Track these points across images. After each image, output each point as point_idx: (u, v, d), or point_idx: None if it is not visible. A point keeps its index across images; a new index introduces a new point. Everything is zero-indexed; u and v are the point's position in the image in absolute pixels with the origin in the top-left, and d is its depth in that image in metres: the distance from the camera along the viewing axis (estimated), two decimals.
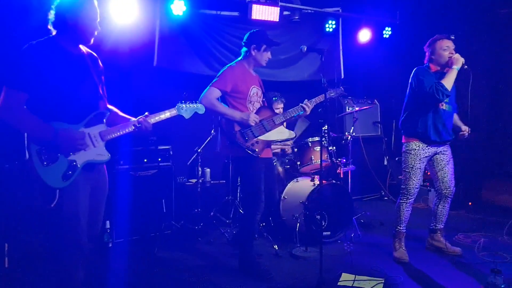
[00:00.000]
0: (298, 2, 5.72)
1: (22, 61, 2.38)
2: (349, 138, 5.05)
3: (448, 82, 3.73)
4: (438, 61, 3.90)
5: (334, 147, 4.90)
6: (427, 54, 4.01)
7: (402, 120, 4.09)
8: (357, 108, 5.54)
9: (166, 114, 2.89)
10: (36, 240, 3.72)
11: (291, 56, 5.89)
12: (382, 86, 6.77)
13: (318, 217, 4.38)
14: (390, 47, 6.60)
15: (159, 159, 4.60)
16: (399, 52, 6.55)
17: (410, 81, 3.97)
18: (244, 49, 3.72)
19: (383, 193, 6.39)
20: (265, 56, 3.69)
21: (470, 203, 6.04)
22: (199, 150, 4.68)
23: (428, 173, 4.78)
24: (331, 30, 6.08)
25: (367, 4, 6.33)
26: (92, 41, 2.62)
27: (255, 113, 3.60)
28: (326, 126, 5.01)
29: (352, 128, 5.16)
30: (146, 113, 2.81)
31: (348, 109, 5.90)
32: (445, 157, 4.02)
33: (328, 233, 4.46)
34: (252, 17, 5.24)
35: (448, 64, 3.83)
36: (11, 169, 3.77)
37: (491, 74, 6.41)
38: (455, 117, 4.15)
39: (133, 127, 2.74)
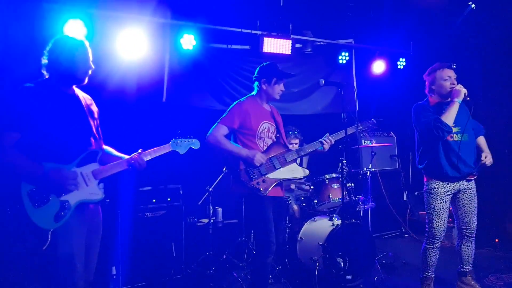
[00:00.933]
0: (310, 35, 5.60)
1: (15, 103, 2.42)
2: (368, 174, 4.80)
3: (449, 117, 3.50)
4: (439, 91, 3.67)
5: (353, 184, 4.65)
6: (426, 83, 3.79)
7: (418, 160, 3.84)
8: (374, 143, 5.31)
9: (159, 151, 2.89)
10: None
11: (304, 89, 5.73)
12: (397, 118, 6.56)
13: (339, 259, 4.10)
14: (404, 78, 6.42)
15: (169, 199, 4.38)
16: (414, 83, 6.33)
17: (412, 118, 3.76)
18: (256, 83, 3.58)
19: (403, 230, 6.07)
20: (277, 89, 3.52)
21: (496, 240, 5.69)
22: (210, 189, 4.45)
23: (451, 209, 4.53)
24: (344, 62, 5.93)
25: (380, 35, 6.20)
26: (86, 80, 2.67)
27: (266, 149, 3.42)
28: (344, 162, 4.80)
29: (371, 164, 4.91)
30: (140, 150, 2.80)
31: (364, 143, 5.66)
32: (467, 196, 3.73)
33: (350, 276, 4.14)
34: (263, 50, 5.11)
35: (450, 96, 3.61)
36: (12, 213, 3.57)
37: (510, 106, 6.18)
38: (481, 141, 3.84)
39: (125, 165, 2.71)
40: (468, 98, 3.61)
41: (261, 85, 3.52)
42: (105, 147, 2.81)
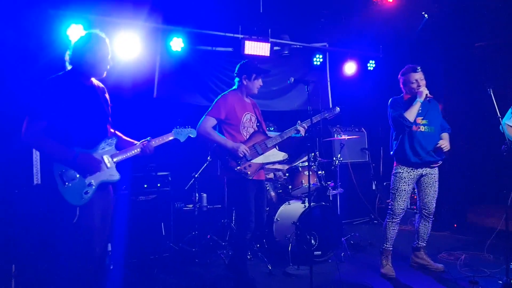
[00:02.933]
0: (288, 38, 6.15)
1: (42, 93, 2.73)
2: (336, 163, 5.37)
3: (411, 114, 4.10)
4: (409, 92, 4.29)
5: (323, 172, 5.21)
6: (400, 83, 4.39)
7: (391, 147, 4.43)
8: (344, 136, 5.89)
9: (164, 138, 3.28)
10: (44, 262, 3.93)
11: (282, 87, 6.28)
12: (368, 115, 7.16)
13: (309, 237, 4.65)
14: (374, 78, 7.02)
15: (159, 185, 4.88)
16: (383, 83, 6.96)
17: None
18: (236, 79, 4.02)
19: (372, 217, 6.66)
20: (257, 84, 3.97)
21: (455, 225, 6.32)
22: (196, 176, 4.97)
23: (415, 197, 5.13)
24: (318, 63, 6.50)
25: (352, 39, 6.78)
26: (104, 74, 3.00)
27: (249, 137, 3.88)
28: (317, 152, 5.37)
29: (339, 154, 5.49)
30: (149, 138, 3.19)
31: (337, 137, 6.24)
32: (428, 180, 4.30)
33: (319, 252, 4.70)
34: (245, 52, 5.63)
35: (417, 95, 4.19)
36: (20, 194, 4.03)
37: (469, 104, 6.81)
38: (444, 136, 4.36)
39: (139, 150, 3.09)
40: (429, 97, 4.20)
41: (241, 80, 3.95)
42: (115, 132, 3.17)
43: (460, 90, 6.57)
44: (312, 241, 4.66)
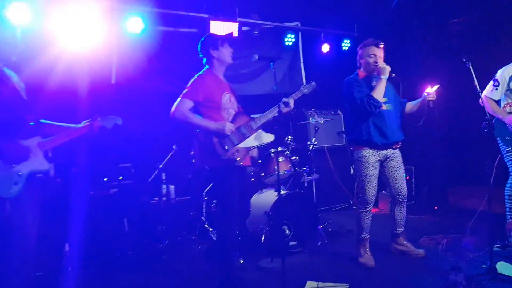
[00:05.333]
0: (257, 18, 5.81)
1: None
2: (311, 148, 5.08)
3: (378, 93, 3.82)
4: (365, 66, 4.00)
5: (297, 157, 4.93)
6: (357, 57, 4.09)
7: (347, 130, 4.15)
8: (319, 119, 5.61)
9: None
10: None
11: (253, 70, 5.96)
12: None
13: (283, 227, 4.38)
14: (350, 58, 6.70)
15: (120, 177, 4.53)
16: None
17: (343, 91, 4.04)
18: (204, 59, 3.61)
19: (351, 202, 6.41)
20: (227, 52, 3.57)
21: (435, 207, 6.13)
22: (160, 166, 4.63)
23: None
24: (290, 43, 6.19)
25: (325, 18, 6.48)
26: (13, 59, 2.74)
27: (231, 120, 3.49)
28: (290, 137, 5.08)
29: (314, 138, 5.19)
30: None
31: (311, 120, 5.94)
32: (395, 163, 4.07)
33: (294, 243, 4.44)
34: (211, 32, 5.28)
35: (374, 72, 3.91)
36: None
37: (448, 80, 6.59)
38: (408, 105, 4.16)
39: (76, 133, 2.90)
40: (394, 75, 3.92)
41: (210, 55, 3.54)
42: (43, 120, 2.93)
43: (437, 67, 6.33)
44: (286, 231, 4.39)
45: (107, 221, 4.36)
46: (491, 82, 4.41)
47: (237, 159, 3.39)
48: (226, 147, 3.35)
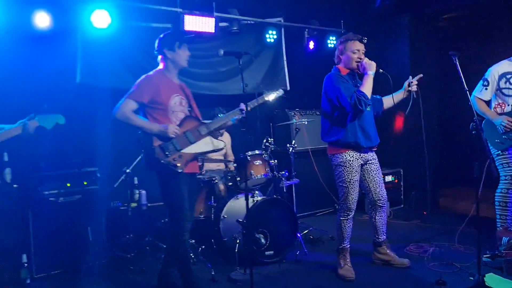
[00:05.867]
0: (236, 12, 5.51)
1: None
2: (290, 150, 4.79)
3: (368, 89, 3.54)
4: (346, 62, 3.71)
5: (276, 160, 4.64)
6: (336, 52, 3.80)
7: (326, 132, 3.81)
8: (300, 119, 5.33)
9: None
10: None
11: (232, 68, 5.64)
12: None
13: (258, 236, 4.09)
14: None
15: (85, 183, 4.22)
16: None
17: (323, 89, 3.76)
18: (159, 57, 3.44)
19: (337, 207, 6.10)
20: (183, 55, 3.38)
21: (424, 212, 5.85)
22: (128, 171, 4.32)
23: None
24: (272, 40, 5.89)
25: (310, 14, 6.19)
26: None
27: (179, 124, 3.31)
28: (271, 139, 4.79)
29: (294, 140, 4.90)
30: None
31: (295, 121, 5.63)
32: (374, 166, 3.82)
33: (271, 252, 4.15)
34: (185, 29, 4.97)
35: (359, 69, 3.64)
36: None
37: (438, 79, 6.33)
38: (386, 101, 3.91)
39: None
40: (381, 70, 3.65)
41: (165, 55, 3.38)
42: None
43: (426, 65, 6.06)
44: (262, 240, 4.09)
45: (69, 230, 4.04)
46: (481, 82, 4.15)
47: (177, 165, 3.19)
48: (167, 152, 3.19)
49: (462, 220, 4.52)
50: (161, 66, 3.43)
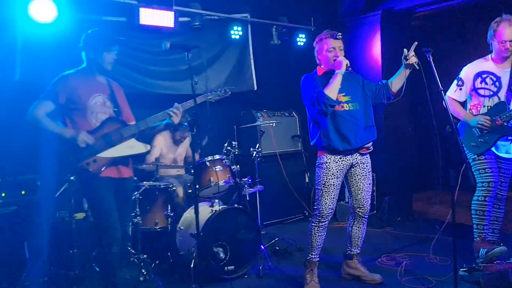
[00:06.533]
0: (198, 7, 5.12)
1: None
2: (254, 155, 4.43)
3: (332, 89, 3.21)
4: (325, 62, 3.44)
5: (238, 166, 4.28)
6: (315, 53, 3.52)
7: (309, 133, 3.57)
8: (267, 121, 4.98)
9: None
10: None
11: (194, 66, 5.14)
12: (300, 97, 6.26)
13: (218, 249, 3.72)
14: (305, 55, 6.11)
15: (23, 192, 3.76)
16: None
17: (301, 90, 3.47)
18: (83, 53, 3.14)
19: (307, 213, 5.80)
20: (108, 58, 3.10)
21: (398, 219, 5.58)
22: (72, 178, 3.87)
23: None
24: (237, 37, 5.52)
25: (278, 10, 5.86)
26: None
27: (99, 125, 3.02)
28: (234, 143, 4.44)
29: (258, 143, 4.54)
30: None
31: (261, 123, 5.28)
32: (360, 171, 3.48)
33: (231, 267, 3.78)
34: (141, 23, 4.57)
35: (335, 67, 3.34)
36: None
37: (412, 80, 6.07)
38: (392, 85, 3.56)
39: None
40: (350, 69, 3.34)
41: (88, 54, 3.10)
42: None
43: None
44: (221, 254, 3.72)
45: (2, 245, 3.58)
46: (455, 82, 3.89)
47: (90, 170, 2.92)
48: (80, 156, 2.92)
49: (438, 226, 4.25)
50: (84, 64, 3.15)
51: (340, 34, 3.40)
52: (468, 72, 3.81)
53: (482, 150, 3.69)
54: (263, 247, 4.11)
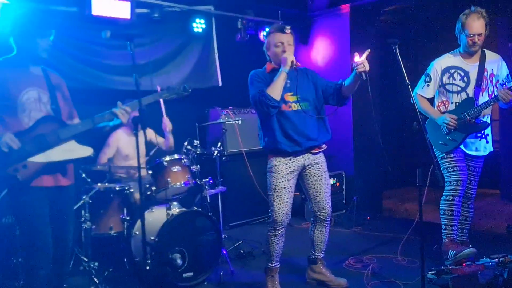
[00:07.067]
0: None
1: None
2: (215, 154, 4.20)
3: (274, 89, 3.00)
4: (274, 58, 3.21)
5: (198, 166, 4.04)
6: (264, 48, 3.30)
7: (258, 135, 3.36)
8: (226, 119, 4.77)
9: None
10: None
11: (154, 60, 4.97)
12: None
13: (175, 255, 3.48)
14: None
15: None
16: None
17: None
18: (10, 39, 2.71)
19: None
20: (41, 44, 2.67)
21: (368, 218, 5.45)
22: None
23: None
24: (200, 30, 5.27)
25: (244, 2, 5.63)
26: None
27: (33, 125, 2.62)
28: (196, 141, 4.20)
29: (220, 142, 4.31)
30: None
31: (226, 121, 5.06)
32: (315, 171, 3.29)
33: (190, 274, 3.55)
34: (93, 13, 4.26)
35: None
36: None
37: (380, 76, 5.96)
38: (345, 88, 3.23)
39: None
40: (296, 65, 3.13)
41: (17, 41, 2.68)
42: None
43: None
44: (178, 261, 3.48)
45: None
46: (423, 77, 3.76)
47: (18, 177, 2.52)
48: (7, 161, 2.51)
49: (407, 225, 4.11)
50: (15, 52, 2.71)
51: (289, 27, 3.19)
52: (436, 67, 3.69)
53: (450, 148, 3.58)
54: (225, 251, 3.89)
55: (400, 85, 2.93)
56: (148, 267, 3.30)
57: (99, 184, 3.88)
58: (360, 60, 2.96)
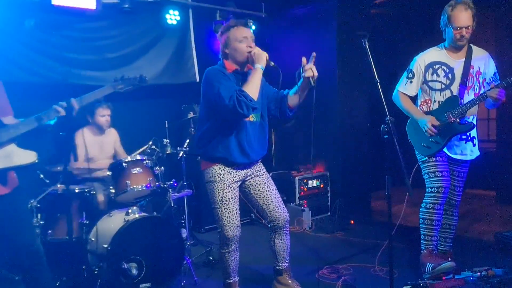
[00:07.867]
0: None
1: None
2: (181, 155, 3.92)
3: (252, 88, 2.70)
4: (234, 57, 2.85)
5: (162, 168, 3.77)
6: (220, 45, 2.95)
7: (198, 139, 2.99)
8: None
9: None
10: None
11: (125, 54, 4.70)
12: None
13: (131, 264, 3.22)
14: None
15: None
16: (267, 51, 5.61)
17: (202, 88, 2.91)
18: None
19: (253, 216, 5.33)
20: None
21: (352, 222, 5.16)
22: None
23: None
24: (174, 22, 4.99)
25: None
26: None
27: None
28: (167, 140, 3.94)
29: (187, 141, 4.02)
30: None
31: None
32: (260, 179, 3.04)
33: (148, 285, 3.29)
34: (54, 3, 3.98)
35: (248, 62, 2.83)
36: None
37: (369, 75, 5.65)
38: (291, 98, 2.98)
39: None
40: (272, 63, 2.82)
41: None
42: None
43: (356, 55, 5.35)
44: (134, 271, 3.22)
45: None
46: (405, 73, 3.46)
47: None
48: None
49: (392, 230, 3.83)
50: None
51: (251, 21, 2.90)
52: (419, 62, 3.39)
53: (433, 151, 3.29)
54: (188, 260, 3.62)
55: (388, 81, 2.66)
56: (99, 277, 3.09)
57: (58, 186, 3.62)
58: (308, 65, 2.71)
